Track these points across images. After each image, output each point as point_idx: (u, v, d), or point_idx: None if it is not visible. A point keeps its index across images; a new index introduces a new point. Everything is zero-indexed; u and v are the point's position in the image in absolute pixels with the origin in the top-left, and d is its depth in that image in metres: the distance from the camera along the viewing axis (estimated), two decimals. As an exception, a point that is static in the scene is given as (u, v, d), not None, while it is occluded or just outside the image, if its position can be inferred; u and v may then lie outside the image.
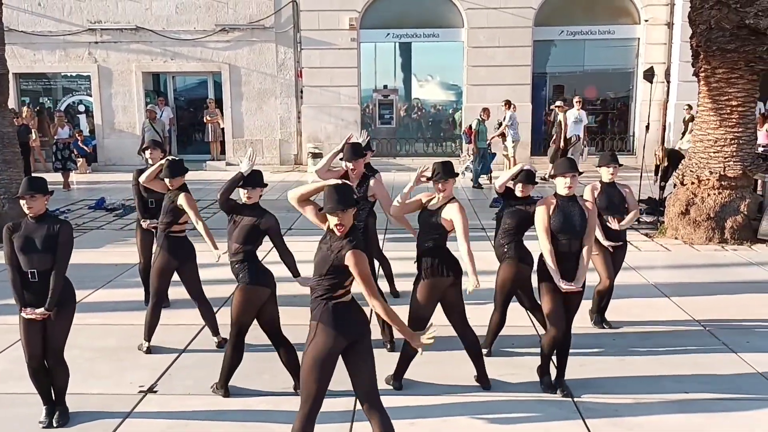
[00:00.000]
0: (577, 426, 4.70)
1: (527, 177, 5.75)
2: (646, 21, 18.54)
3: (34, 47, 19.10)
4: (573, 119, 16.82)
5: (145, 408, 4.99)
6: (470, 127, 15.96)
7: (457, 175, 5.10)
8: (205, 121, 19.63)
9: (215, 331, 6.18)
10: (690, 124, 16.42)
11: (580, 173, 5.15)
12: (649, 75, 12.50)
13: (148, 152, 6.84)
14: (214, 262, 5.85)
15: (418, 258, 5.09)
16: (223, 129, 19.61)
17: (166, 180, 5.94)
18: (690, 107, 16.78)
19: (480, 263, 5.08)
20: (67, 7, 19.00)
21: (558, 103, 17.12)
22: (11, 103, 11.67)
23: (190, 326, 6.62)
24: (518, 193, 5.77)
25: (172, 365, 5.76)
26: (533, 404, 5.00)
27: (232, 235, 5.05)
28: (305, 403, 3.84)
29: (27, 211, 4.63)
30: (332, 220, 3.74)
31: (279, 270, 5.15)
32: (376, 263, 7.18)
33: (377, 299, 3.72)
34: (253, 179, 5.09)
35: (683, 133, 16.83)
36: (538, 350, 5.34)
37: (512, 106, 16.88)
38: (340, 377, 5.34)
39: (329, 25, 18.63)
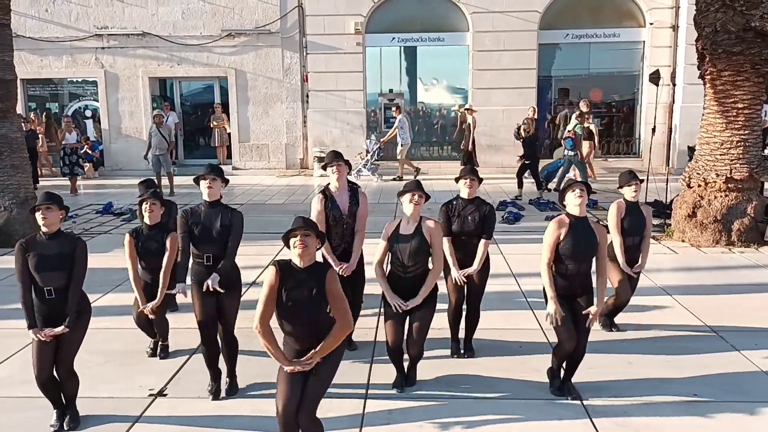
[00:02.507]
0: (586, 427, 4.70)
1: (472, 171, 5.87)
2: (651, 24, 18.54)
3: (41, 53, 19.21)
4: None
5: (154, 412, 5.01)
6: (575, 132, 15.48)
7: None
8: (211, 126, 19.72)
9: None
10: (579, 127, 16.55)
11: (591, 191, 5.18)
12: (655, 78, 12.50)
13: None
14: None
15: None
16: (229, 134, 19.67)
17: None
18: (582, 113, 16.83)
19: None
20: (74, 13, 19.11)
21: (467, 105, 17.29)
22: (19, 108, 11.74)
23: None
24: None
25: (182, 369, 5.79)
26: (541, 406, 5.01)
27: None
28: None
29: (41, 222, 4.60)
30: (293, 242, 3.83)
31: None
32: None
33: None
34: (214, 173, 5.17)
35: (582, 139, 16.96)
36: (546, 352, 5.35)
37: (401, 110, 17.18)
38: (343, 380, 5.37)
39: (335, 30, 18.69)
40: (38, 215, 4.60)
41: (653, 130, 13.64)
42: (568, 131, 15.72)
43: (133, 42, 19.16)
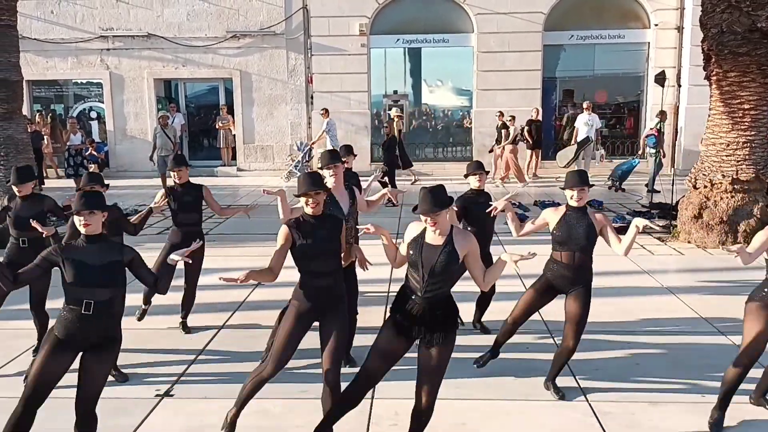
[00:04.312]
0: (594, 429, 4.69)
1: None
2: (656, 25, 18.52)
3: (46, 54, 19.25)
4: (584, 123, 16.87)
5: (161, 412, 5.02)
6: (658, 129, 15.07)
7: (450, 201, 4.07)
8: (217, 127, 19.74)
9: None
10: (503, 131, 16.66)
11: (591, 186, 5.18)
12: (660, 79, 12.48)
13: (173, 173, 6.64)
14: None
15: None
16: (234, 135, 19.69)
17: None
18: (502, 114, 16.99)
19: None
20: (80, 15, 19.15)
21: (394, 110, 17.44)
22: (24, 109, 11.76)
23: (205, 330, 6.67)
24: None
25: (188, 369, 5.79)
26: (549, 407, 4.99)
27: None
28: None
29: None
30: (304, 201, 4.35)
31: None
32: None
33: None
34: (89, 202, 3.95)
35: (497, 140, 17.17)
36: (551, 352, 5.35)
37: (328, 113, 17.35)
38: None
39: (339, 31, 18.71)
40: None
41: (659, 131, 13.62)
42: (650, 129, 15.45)
43: (138, 43, 19.19)
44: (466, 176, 6.26)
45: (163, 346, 6.28)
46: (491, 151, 17.35)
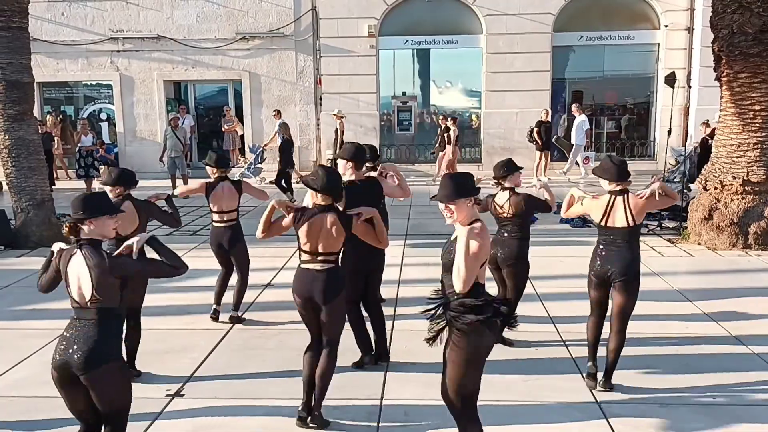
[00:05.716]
0: (603, 429, 4.68)
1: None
2: (666, 26, 18.46)
3: (57, 56, 19.34)
4: (576, 125, 17.01)
5: (172, 411, 5.03)
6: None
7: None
8: (222, 129, 19.74)
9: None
10: (445, 135, 16.82)
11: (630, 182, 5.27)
12: (671, 80, 12.43)
13: (210, 170, 7.13)
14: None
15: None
16: (241, 136, 19.70)
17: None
18: (445, 117, 17.39)
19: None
20: (90, 17, 19.24)
21: (336, 111, 17.68)
22: (35, 111, 11.81)
23: (215, 330, 6.69)
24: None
25: (198, 369, 5.81)
26: (557, 408, 4.98)
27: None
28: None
29: (113, 200, 5.41)
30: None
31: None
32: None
33: None
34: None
35: (438, 143, 17.55)
36: (560, 353, 5.34)
37: (280, 114, 17.57)
38: (357, 383, 5.35)
39: (348, 33, 18.73)
40: (110, 194, 5.48)
41: (669, 132, 13.57)
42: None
43: (148, 45, 19.27)
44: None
45: (174, 346, 6.30)
46: (433, 152, 17.95)
